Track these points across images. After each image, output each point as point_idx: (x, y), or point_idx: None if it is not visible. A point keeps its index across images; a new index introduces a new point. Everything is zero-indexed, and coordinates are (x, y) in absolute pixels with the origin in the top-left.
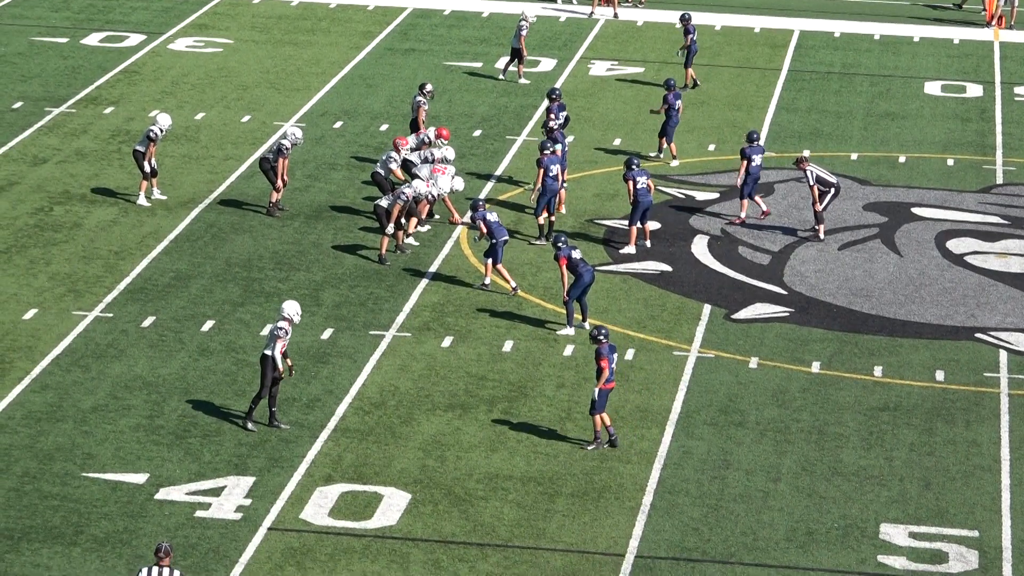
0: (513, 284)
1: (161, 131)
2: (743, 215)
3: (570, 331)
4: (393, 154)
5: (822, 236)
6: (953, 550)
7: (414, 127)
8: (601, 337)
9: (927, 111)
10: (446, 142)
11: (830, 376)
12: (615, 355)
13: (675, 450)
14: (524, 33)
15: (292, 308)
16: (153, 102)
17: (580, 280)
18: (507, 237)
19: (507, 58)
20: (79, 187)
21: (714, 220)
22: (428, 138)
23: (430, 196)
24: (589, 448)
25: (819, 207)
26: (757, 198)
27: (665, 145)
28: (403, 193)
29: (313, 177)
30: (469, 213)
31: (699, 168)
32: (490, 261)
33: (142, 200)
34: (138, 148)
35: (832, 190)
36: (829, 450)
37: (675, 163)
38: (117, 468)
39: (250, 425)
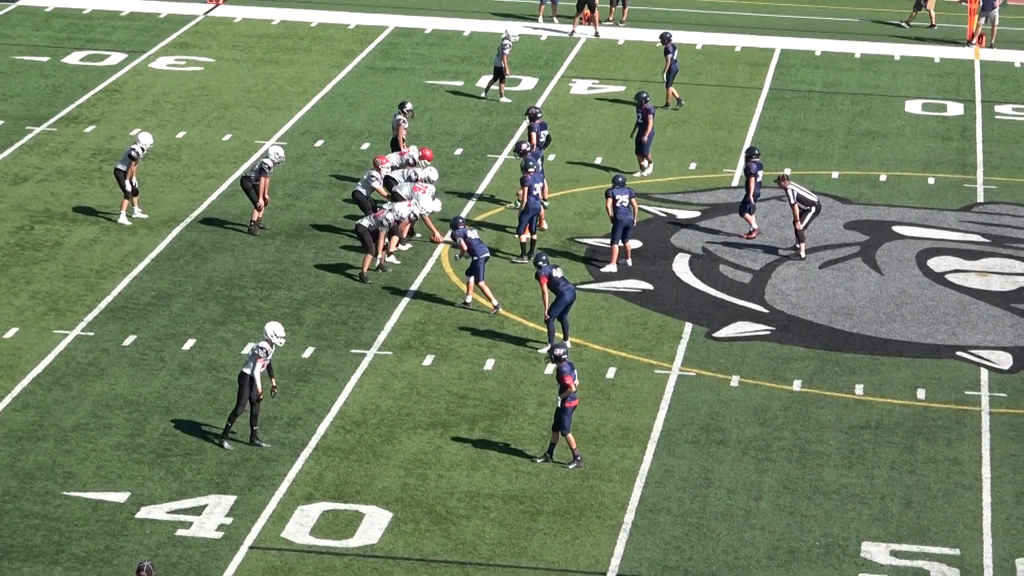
0: (495, 302)
1: (142, 150)
2: (754, 226)
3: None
4: (374, 173)
5: (803, 255)
6: (935, 568)
7: (394, 146)
8: (563, 355)
9: (908, 130)
10: (429, 163)
11: (811, 394)
12: (575, 372)
13: (656, 468)
14: (507, 52)
15: (274, 329)
16: (134, 121)
17: (561, 299)
18: (488, 254)
19: (489, 76)
20: (60, 206)
21: (695, 239)
22: (412, 159)
23: (411, 216)
24: (570, 467)
25: (800, 225)
26: (750, 217)
27: (645, 160)
28: (385, 219)
29: (294, 196)
30: (449, 231)
31: (680, 187)
32: (472, 279)
33: (123, 219)
34: (119, 167)
35: (813, 208)
36: (810, 468)
37: (647, 171)
38: (98, 487)
39: (226, 444)
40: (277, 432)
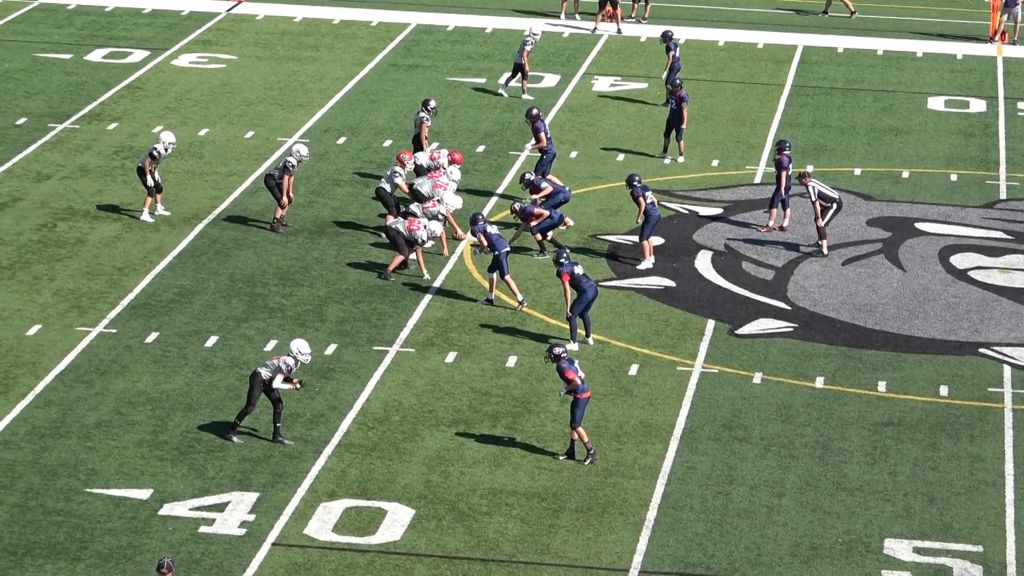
0: (520, 298)
1: (165, 149)
2: (786, 222)
3: (574, 347)
4: (398, 169)
5: (825, 251)
6: (957, 565)
7: (417, 143)
8: (561, 353)
9: (931, 126)
10: (459, 167)
11: (834, 391)
12: (575, 364)
13: (679, 465)
14: (528, 48)
15: (299, 347)
16: (157, 118)
17: (583, 296)
18: (508, 248)
19: (508, 73)
20: (83, 203)
21: (718, 235)
22: (443, 165)
23: (440, 216)
24: (587, 463)
25: (821, 222)
26: (774, 211)
27: (674, 143)
28: (420, 237)
29: (317, 193)
30: (470, 228)
31: (703, 183)
32: (495, 275)
33: (146, 216)
34: (141, 164)
35: (834, 205)
36: (833, 465)
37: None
38: (121, 484)
39: (235, 438)
40: (300, 429)
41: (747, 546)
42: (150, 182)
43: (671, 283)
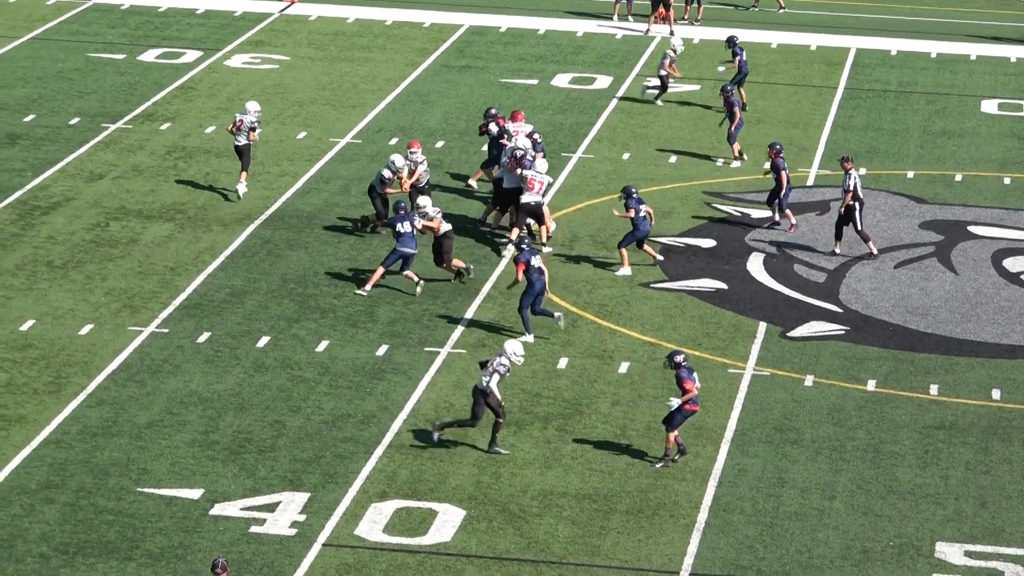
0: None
1: (254, 121)
2: (794, 221)
3: (529, 338)
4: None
5: (875, 251)
6: (1009, 569)
7: (493, 156)
8: (682, 361)
9: (984, 129)
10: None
11: (886, 394)
12: (695, 375)
13: (730, 468)
14: (666, 61)
15: (514, 348)
16: (209, 119)
17: (531, 287)
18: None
19: (657, 84)
20: (135, 203)
21: (769, 238)
22: (508, 131)
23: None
24: (657, 466)
25: (850, 214)
26: (788, 212)
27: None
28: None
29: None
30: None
31: (754, 186)
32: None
33: (241, 187)
34: (237, 142)
35: (858, 204)
36: (885, 468)
37: (735, 163)
38: (172, 483)
39: (501, 450)
40: (351, 430)
41: (798, 549)
42: (243, 151)
43: (723, 285)
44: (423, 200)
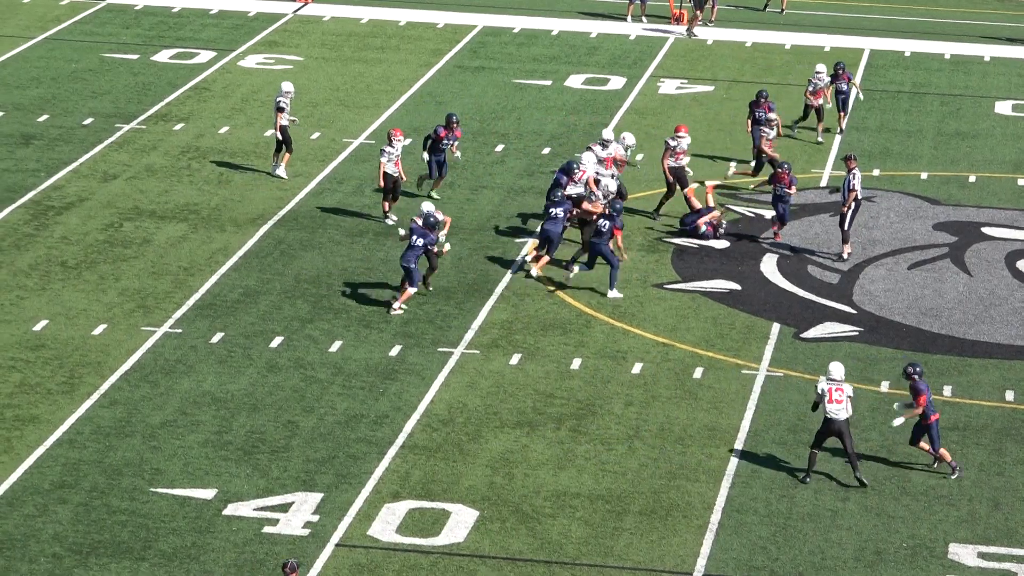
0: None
1: (286, 103)
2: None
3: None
4: (386, 148)
5: (847, 255)
6: (1023, 571)
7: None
8: (914, 372)
9: (998, 131)
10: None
11: (899, 396)
12: (928, 388)
13: (743, 469)
14: (811, 89)
15: (838, 370)
16: (223, 119)
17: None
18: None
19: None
20: (149, 203)
21: (783, 237)
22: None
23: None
24: (953, 477)
25: (846, 225)
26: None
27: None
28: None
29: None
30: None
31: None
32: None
33: (281, 171)
34: (282, 124)
35: (855, 204)
36: (898, 469)
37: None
38: (185, 483)
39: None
40: (364, 430)
41: (811, 550)
42: (279, 137)
43: (736, 286)
44: (427, 206)
